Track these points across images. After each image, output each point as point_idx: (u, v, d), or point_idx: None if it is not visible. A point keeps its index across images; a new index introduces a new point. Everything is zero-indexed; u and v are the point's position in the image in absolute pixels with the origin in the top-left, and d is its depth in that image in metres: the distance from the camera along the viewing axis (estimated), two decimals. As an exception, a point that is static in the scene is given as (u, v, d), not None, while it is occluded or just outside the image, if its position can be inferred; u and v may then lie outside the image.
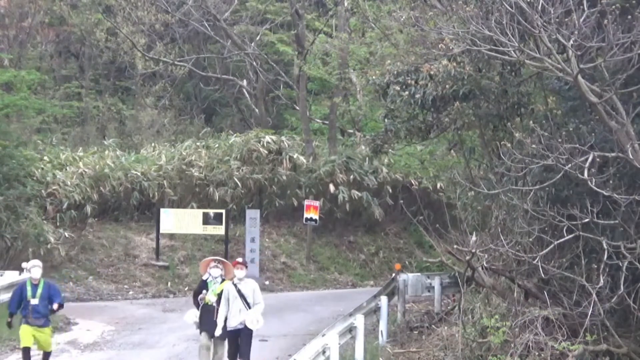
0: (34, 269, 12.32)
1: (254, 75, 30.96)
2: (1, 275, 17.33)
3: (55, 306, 12.27)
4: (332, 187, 24.77)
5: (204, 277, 12.23)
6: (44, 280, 12.40)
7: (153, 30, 29.97)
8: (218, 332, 11.76)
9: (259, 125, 29.28)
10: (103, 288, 21.02)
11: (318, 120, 29.90)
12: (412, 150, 23.33)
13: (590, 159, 10.07)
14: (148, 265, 22.41)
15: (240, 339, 11.82)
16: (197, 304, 12.17)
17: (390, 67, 14.98)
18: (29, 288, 12.18)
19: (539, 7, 10.17)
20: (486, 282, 12.38)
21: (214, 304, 11.91)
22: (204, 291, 12.06)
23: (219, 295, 11.92)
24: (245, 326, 11.73)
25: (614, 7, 9.89)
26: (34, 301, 12.11)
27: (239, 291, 11.78)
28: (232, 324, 11.78)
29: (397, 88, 14.31)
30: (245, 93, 32.08)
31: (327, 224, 25.19)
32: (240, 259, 12.32)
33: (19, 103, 22.88)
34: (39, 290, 12.17)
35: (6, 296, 16.60)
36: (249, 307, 11.75)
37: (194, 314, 12.23)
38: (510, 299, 12.14)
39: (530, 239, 11.31)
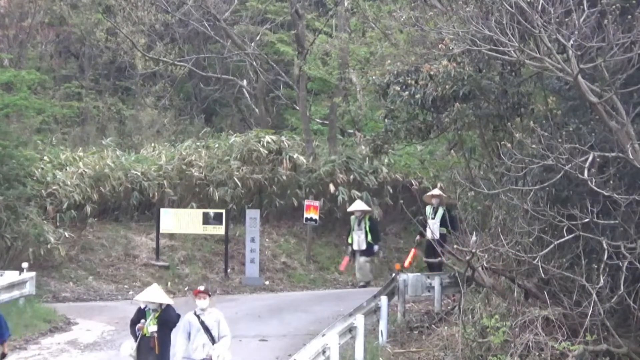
0: None
1: (254, 75, 30.91)
2: (1, 275, 17.33)
3: (5, 349, 11.14)
4: (332, 187, 24.73)
5: (142, 306, 11.25)
6: None
7: (153, 30, 29.95)
8: None
9: (259, 125, 29.25)
10: (103, 288, 21.00)
11: (318, 120, 29.88)
12: (412, 150, 23.31)
13: (590, 159, 10.09)
14: (148, 265, 22.39)
15: None
16: (135, 335, 11.15)
17: (390, 67, 14.97)
18: None
19: (539, 7, 10.18)
20: (486, 282, 12.37)
21: (154, 334, 10.97)
22: (142, 320, 11.07)
23: (161, 326, 10.99)
24: None
25: (614, 7, 9.91)
26: None
27: (202, 323, 10.84)
28: (195, 359, 10.89)
29: (397, 88, 14.29)
30: (245, 93, 32.04)
31: (327, 224, 25.14)
32: (202, 287, 11.12)
33: (19, 103, 22.86)
34: None
35: (6, 296, 16.66)
36: (214, 341, 10.83)
37: (130, 346, 11.16)
38: (510, 299, 12.15)
39: (530, 239, 11.32)
